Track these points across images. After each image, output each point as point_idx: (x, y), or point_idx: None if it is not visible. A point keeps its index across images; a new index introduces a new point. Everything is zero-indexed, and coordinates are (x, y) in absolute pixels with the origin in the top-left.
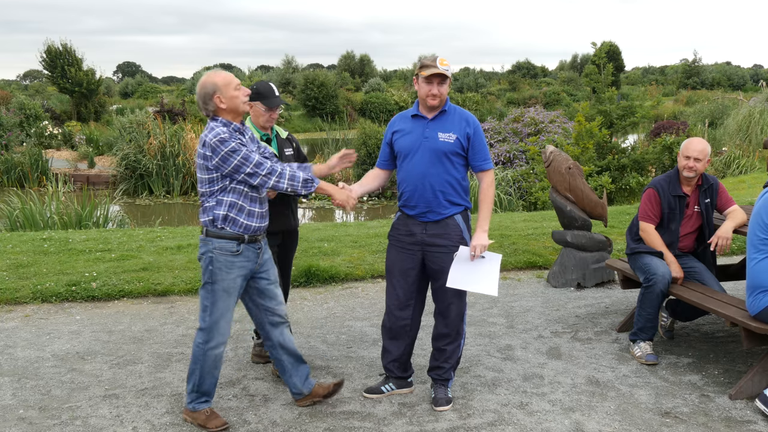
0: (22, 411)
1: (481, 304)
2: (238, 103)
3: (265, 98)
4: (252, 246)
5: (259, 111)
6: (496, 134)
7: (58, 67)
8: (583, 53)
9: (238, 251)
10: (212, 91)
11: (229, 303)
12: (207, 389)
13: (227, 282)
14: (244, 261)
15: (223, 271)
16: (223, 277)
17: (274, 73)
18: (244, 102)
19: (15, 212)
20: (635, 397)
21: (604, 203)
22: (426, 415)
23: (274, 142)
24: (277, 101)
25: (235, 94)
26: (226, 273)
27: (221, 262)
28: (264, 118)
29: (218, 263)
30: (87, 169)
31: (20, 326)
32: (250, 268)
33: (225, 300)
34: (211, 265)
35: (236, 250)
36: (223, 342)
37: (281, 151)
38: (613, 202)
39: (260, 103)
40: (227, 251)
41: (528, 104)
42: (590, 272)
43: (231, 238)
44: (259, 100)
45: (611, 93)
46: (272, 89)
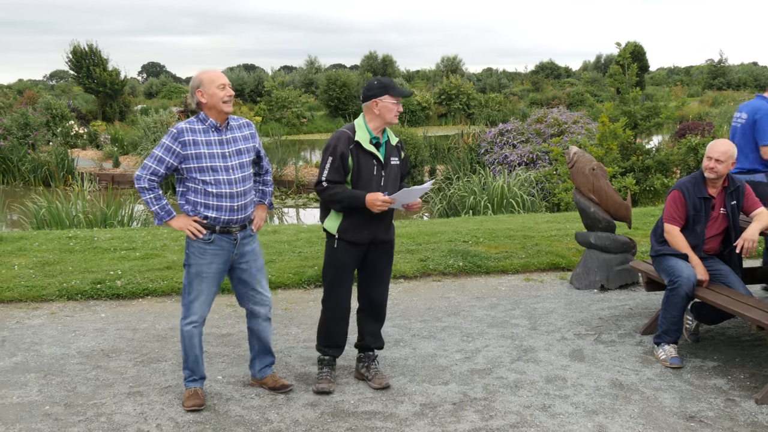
0: (48, 407)
1: (503, 306)
2: (217, 101)
3: (393, 88)
4: (225, 237)
5: (387, 105)
6: (519, 135)
7: (83, 67)
8: (607, 53)
9: (210, 240)
10: (197, 85)
11: (203, 286)
12: (191, 366)
13: (200, 266)
14: (218, 249)
15: (197, 256)
16: (197, 261)
17: (297, 73)
18: (225, 102)
19: (41, 211)
20: (659, 400)
21: (628, 205)
22: (448, 416)
23: (383, 147)
24: (405, 90)
25: (215, 91)
26: (199, 258)
27: (195, 248)
28: (393, 112)
29: (192, 248)
30: (112, 168)
31: (46, 323)
32: (225, 257)
33: (199, 283)
34: (187, 249)
35: (209, 239)
36: (196, 321)
37: (387, 158)
38: (637, 203)
39: (389, 96)
40: (200, 239)
41: (551, 105)
42: (614, 274)
43: (204, 227)
44: (387, 92)
45: (636, 93)
46: (392, 81)
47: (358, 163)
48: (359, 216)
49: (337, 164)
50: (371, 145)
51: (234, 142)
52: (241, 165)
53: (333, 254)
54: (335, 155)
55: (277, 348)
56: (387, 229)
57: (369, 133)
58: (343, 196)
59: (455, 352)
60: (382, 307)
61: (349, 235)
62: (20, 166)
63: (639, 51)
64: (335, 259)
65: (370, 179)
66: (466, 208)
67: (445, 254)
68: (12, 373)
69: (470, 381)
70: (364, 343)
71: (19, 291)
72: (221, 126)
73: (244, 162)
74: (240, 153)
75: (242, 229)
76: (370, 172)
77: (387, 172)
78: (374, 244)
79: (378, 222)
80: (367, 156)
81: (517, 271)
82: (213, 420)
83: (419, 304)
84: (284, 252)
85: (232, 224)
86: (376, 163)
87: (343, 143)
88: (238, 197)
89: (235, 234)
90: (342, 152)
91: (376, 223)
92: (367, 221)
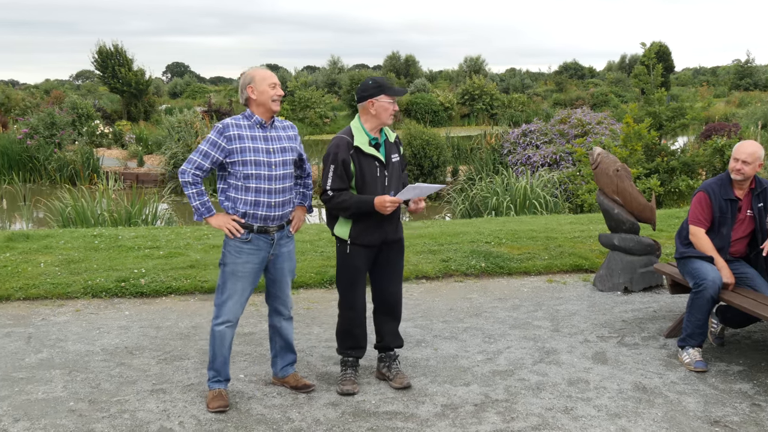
0: (72, 403)
1: (526, 307)
2: (267, 99)
3: (389, 88)
4: (263, 236)
5: (383, 105)
6: (542, 135)
7: (109, 67)
8: (631, 54)
9: (248, 239)
10: (248, 81)
11: (237, 286)
12: (218, 367)
13: (236, 265)
14: (254, 249)
15: (233, 255)
16: (233, 260)
17: (320, 73)
18: (274, 100)
19: (67, 209)
20: (683, 404)
21: (653, 206)
22: (469, 417)
23: (383, 146)
24: (401, 89)
25: (266, 89)
26: (235, 257)
27: (232, 246)
28: (389, 111)
29: (229, 247)
30: (136, 167)
31: (71, 320)
32: (262, 256)
33: (233, 282)
34: (224, 248)
35: (246, 238)
36: (229, 321)
37: (388, 157)
38: (662, 205)
39: (384, 96)
40: (237, 238)
41: (575, 105)
42: (638, 276)
43: (242, 227)
44: (383, 92)
45: (661, 94)
46: (388, 80)
47: (360, 167)
48: (369, 219)
49: (340, 171)
50: (371, 147)
51: (278, 140)
52: (284, 162)
53: (346, 259)
54: (337, 163)
55: (299, 347)
56: (396, 229)
57: (367, 135)
58: (351, 203)
59: (477, 353)
60: (397, 305)
61: (362, 239)
62: (47, 165)
63: (664, 51)
64: (349, 264)
65: (374, 182)
66: (488, 208)
67: (467, 255)
68: (38, 369)
69: (492, 382)
70: (383, 343)
71: (45, 288)
72: (266, 123)
73: (287, 160)
74: (284, 150)
75: (280, 229)
76: (374, 175)
77: (390, 171)
78: (385, 244)
79: (387, 223)
80: (369, 159)
81: (540, 272)
82: (235, 418)
83: (441, 304)
84: (306, 252)
85: (270, 222)
86: (378, 164)
87: (343, 150)
88: (278, 194)
89: (272, 234)
90: (343, 159)
91: (386, 224)
92: (377, 223)
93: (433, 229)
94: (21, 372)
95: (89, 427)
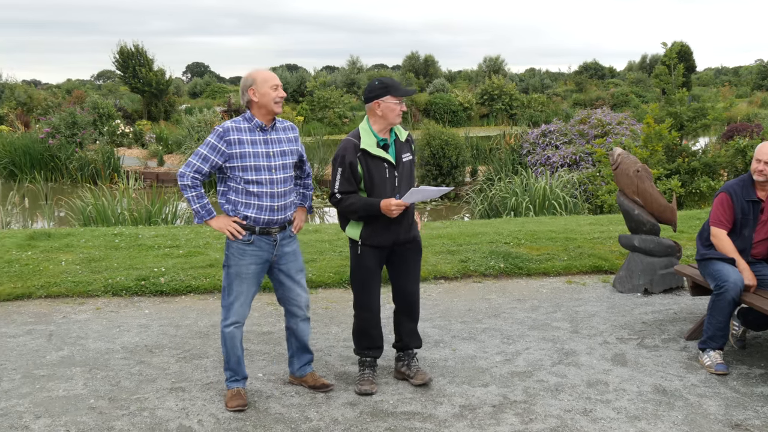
0: (92, 400)
1: (545, 308)
2: (269, 101)
3: (395, 88)
4: (265, 238)
5: (389, 105)
6: (562, 136)
7: (130, 67)
8: (652, 53)
9: (250, 241)
10: (249, 84)
11: (242, 287)
12: (233, 367)
13: (240, 267)
14: (257, 250)
15: (236, 257)
16: (236, 262)
17: (339, 73)
18: (276, 102)
19: (88, 208)
20: (704, 407)
21: (674, 207)
22: (487, 418)
23: (392, 146)
24: (408, 89)
25: (268, 91)
26: (238, 259)
27: (234, 248)
28: (395, 112)
29: (232, 249)
30: (156, 166)
31: (92, 318)
32: (265, 258)
33: (238, 283)
34: (227, 250)
35: (248, 240)
36: (237, 322)
37: (398, 157)
38: (683, 206)
39: (390, 96)
40: (239, 240)
41: (595, 105)
42: (658, 278)
43: (243, 228)
44: (389, 93)
45: (682, 94)
46: (396, 80)
47: (368, 169)
48: (379, 221)
49: (347, 174)
50: (379, 148)
51: (278, 143)
52: (284, 166)
53: (358, 260)
54: (344, 166)
55: (317, 347)
56: (408, 229)
57: (375, 137)
58: (359, 206)
59: (495, 354)
60: (415, 305)
61: (372, 240)
62: (68, 164)
63: (686, 51)
64: (361, 265)
65: (383, 183)
66: (507, 209)
67: (486, 255)
68: (59, 366)
69: (510, 383)
70: (402, 343)
71: (66, 286)
72: (267, 126)
73: (287, 163)
74: (284, 154)
75: (282, 230)
76: (382, 177)
77: (400, 171)
78: (398, 245)
79: (398, 224)
80: (377, 161)
81: (559, 273)
82: (253, 417)
83: (459, 305)
84: (325, 251)
85: (272, 225)
86: (387, 165)
87: (350, 152)
88: (279, 197)
89: (274, 235)
90: (350, 162)
91: (397, 224)
92: (387, 225)
93: (451, 229)
94: (42, 369)
95: (109, 424)
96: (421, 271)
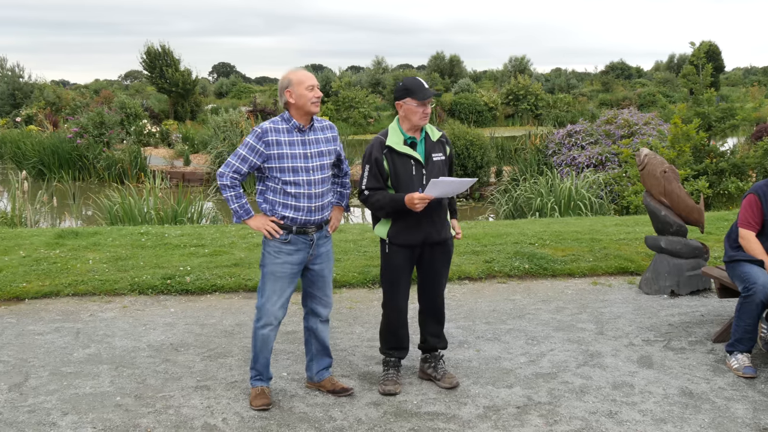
0: (119, 398)
1: (570, 310)
2: (305, 102)
3: (415, 92)
4: (302, 237)
5: (411, 108)
6: (588, 136)
7: (156, 67)
8: (680, 53)
9: (287, 240)
10: (286, 85)
11: (277, 287)
12: (260, 368)
13: (275, 266)
14: (293, 250)
15: (272, 256)
16: (272, 261)
17: (364, 73)
18: (313, 103)
19: (115, 207)
20: (731, 411)
21: (701, 208)
22: (512, 419)
23: (421, 145)
24: (428, 92)
25: (304, 92)
26: (274, 258)
27: (271, 247)
28: (417, 114)
29: (268, 248)
30: (183, 166)
31: (118, 317)
32: (302, 257)
33: (273, 283)
34: (264, 249)
35: (285, 239)
36: (270, 323)
37: (428, 155)
38: (711, 207)
39: (410, 99)
40: (276, 239)
41: (622, 106)
42: (685, 279)
43: (280, 228)
44: (409, 95)
45: (710, 94)
46: (421, 82)
47: (393, 166)
48: (408, 218)
49: (374, 171)
50: (406, 146)
51: (316, 144)
52: (321, 166)
53: (387, 259)
54: (371, 162)
55: (341, 347)
56: (440, 229)
57: (403, 135)
58: (385, 202)
59: (520, 355)
60: (440, 308)
61: (400, 238)
62: (95, 164)
63: (714, 50)
64: (390, 264)
65: (410, 180)
66: (532, 209)
67: (510, 256)
68: (85, 364)
69: (535, 385)
70: (427, 344)
71: (93, 285)
72: (305, 127)
73: (325, 164)
74: (321, 155)
75: (318, 229)
76: (409, 173)
77: (429, 169)
78: (428, 245)
79: (429, 222)
80: (403, 158)
81: (585, 274)
82: (278, 416)
83: (484, 305)
84: (349, 251)
85: (309, 225)
86: (414, 162)
87: (376, 149)
88: (317, 198)
89: (311, 234)
90: (376, 158)
91: (427, 223)
92: (416, 223)
93: (476, 229)
94: (69, 367)
95: (135, 421)
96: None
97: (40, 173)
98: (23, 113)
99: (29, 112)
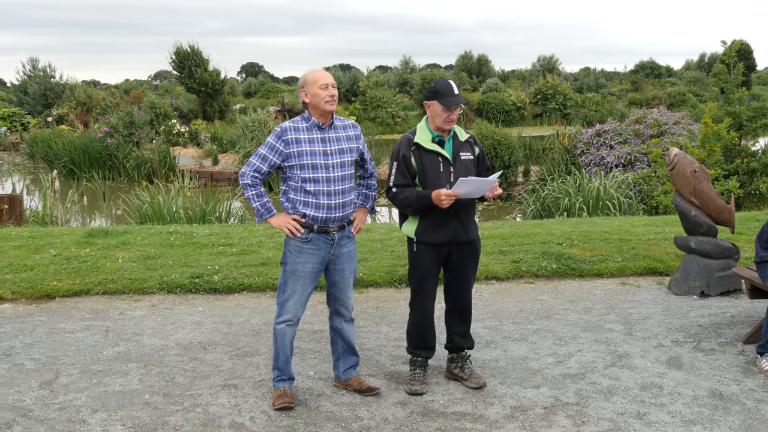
0: (147, 396)
1: (598, 310)
2: (319, 101)
3: (443, 96)
4: (323, 236)
5: (436, 111)
6: (617, 136)
7: (185, 67)
8: (711, 52)
9: (308, 239)
10: (302, 84)
11: (297, 285)
12: (281, 367)
13: (296, 265)
14: (314, 249)
15: (293, 254)
16: (293, 260)
17: (391, 73)
18: (327, 102)
19: (144, 206)
20: (762, 413)
21: (732, 209)
22: (539, 420)
23: (449, 143)
24: (455, 100)
25: (318, 91)
26: (295, 256)
27: (292, 246)
28: (441, 118)
29: (289, 246)
30: (211, 166)
31: (147, 315)
32: (322, 256)
33: (294, 281)
34: (285, 248)
35: (306, 238)
36: (290, 321)
37: (456, 154)
38: (741, 207)
39: (437, 102)
40: (297, 237)
41: (651, 105)
42: (715, 280)
43: (302, 226)
44: (436, 98)
45: (741, 93)
46: (451, 87)
47: (421, 163)
48: (435, 217)
49: (402, 168)
50: (434, 143)
51: (337, 141)
52: (342, 164)
53: (414, 258)
54: (399, 159)
55: (368, 346)
56: (467, 229)
57: (431, 133)
58: (413, 199)
59: (547, 355)
60: (467, 308)
61: (427, 237)
62: (125, 163)
63: (746, 49)
64: (417, 263)
65: (437, 177)
66: (560, 209)
67: (538, 256)
68: (115, 362)
69: (562, 385)
70: (453, 344)
71: (122, 283)
72: (324, 125)
73: (345, 161)
74: (342, 152)
75: (340, 229)
76: (436, 170)
77: (457, 167)
78: (456, 245)
79: (456, 221)
80: (431, 155)
81: (613, 274)
82: (304, 415)
83: (511, 305)
84: (376, 251)
85: (330, 223)
86: (442, 160)
87: (404, 146)
88: (336, 195)
89: (332, 234)
90: (404, 155)
91: (454, 222)
92: (443, 221)
93: (503, 229)
94: (99, 365)
95: (163, 419)
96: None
97: (70, 173)
98: (54, 113)
99: (60, 112)
